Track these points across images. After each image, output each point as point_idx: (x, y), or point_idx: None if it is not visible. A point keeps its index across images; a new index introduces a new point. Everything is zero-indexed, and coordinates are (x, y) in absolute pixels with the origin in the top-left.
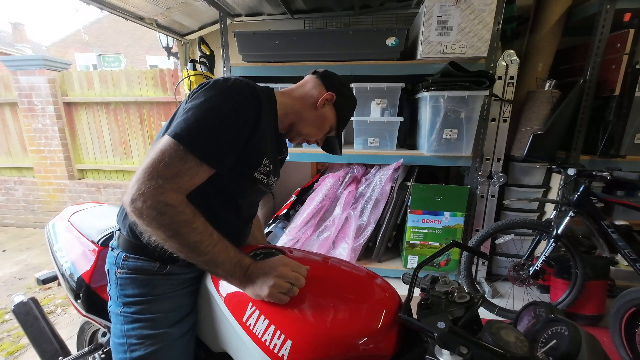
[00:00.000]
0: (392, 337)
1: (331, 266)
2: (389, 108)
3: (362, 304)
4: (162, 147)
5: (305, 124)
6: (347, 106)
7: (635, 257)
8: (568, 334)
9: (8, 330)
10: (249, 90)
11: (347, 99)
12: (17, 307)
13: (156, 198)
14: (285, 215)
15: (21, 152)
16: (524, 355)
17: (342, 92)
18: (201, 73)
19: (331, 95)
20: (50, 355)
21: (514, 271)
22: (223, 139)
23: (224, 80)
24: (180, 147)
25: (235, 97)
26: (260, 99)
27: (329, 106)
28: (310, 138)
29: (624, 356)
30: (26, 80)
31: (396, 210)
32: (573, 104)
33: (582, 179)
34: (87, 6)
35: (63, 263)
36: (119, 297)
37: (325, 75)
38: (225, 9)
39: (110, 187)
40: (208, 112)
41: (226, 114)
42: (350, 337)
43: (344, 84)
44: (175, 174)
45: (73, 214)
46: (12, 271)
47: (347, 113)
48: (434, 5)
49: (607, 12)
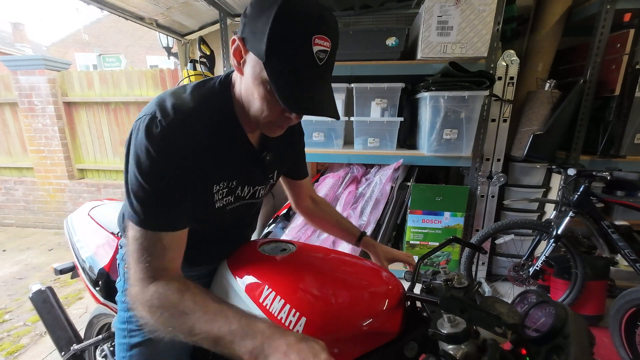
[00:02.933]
0: (398, 318)
1: (341, 256)
2: (389, 108)
3: (370, 288)
4: (130, 237)
5: (246, 106)
6: (264, 31)
7: (635, 257)
8: (555, 312)
9: (8, 330)
10: (167, 133)
11: (263, 19)
12: (35, 295)
13: (135, 299)
14: (285, 215)
15: (21, 152)
16: (515, 322)
17: (252, 20)
18: (201, 73)
19: (234, 40)
20: (65, 342)
21: (514, 271)
22: (169, 197)
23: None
24: (142, 229)
25: (156, 147)
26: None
27: (247, 57)
28: (266, 120)
29: (624, 356)
30: (26, 80)
31: (396, 211)
32: (573, 104)
33: (582, 179)
34: (87, 6)
35: (83, 253)
36: (123, 291)
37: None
38: (225, 9)
39: (110, 187)
40: (142, 178)
41: (155, 170)
42: (358, 316)
43: (258, 1)
44: (145, 258)
45: (92, 209)
46: (12, 271)
47: (272, 40)
48: (434, 5)
49: (607, 12)
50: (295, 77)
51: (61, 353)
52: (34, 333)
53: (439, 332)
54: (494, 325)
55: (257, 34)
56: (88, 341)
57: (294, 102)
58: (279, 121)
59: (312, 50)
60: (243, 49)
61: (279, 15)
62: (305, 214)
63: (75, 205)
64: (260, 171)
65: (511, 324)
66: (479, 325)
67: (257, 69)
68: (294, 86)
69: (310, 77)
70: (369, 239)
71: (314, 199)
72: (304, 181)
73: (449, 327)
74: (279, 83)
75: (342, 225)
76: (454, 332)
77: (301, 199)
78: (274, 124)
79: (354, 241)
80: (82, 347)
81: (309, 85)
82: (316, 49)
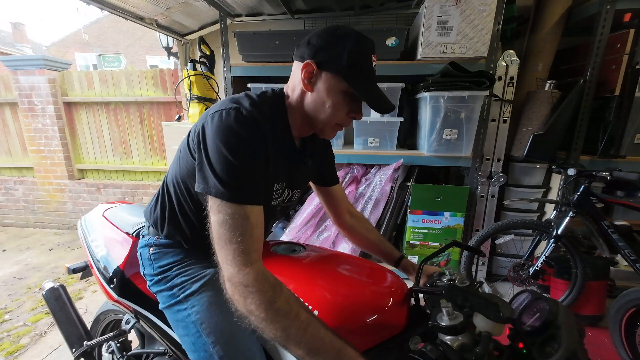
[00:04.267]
0: (403, 314)
1: (347, 258)
2: None
3: (376, 285)
4: (216, 221)
5: (313, 117)
6: (344, 56)
7: (635, 257)
8: (548, 307)
9: (8, 330)
10: (251, 121)
11: (338, 48)
12: (48, 293)
13: (235, 280)
14: (286, 215)
15: (21, 152)
16: (509, 315)
17: (324, 48)
18: (201, 73)
19: (307, 64)
20: (76, 339)
21: (514, 271)
22: (255, 174)
23: (227, 114)
24: (230, 204)
25: (246, 131)
26: (264, 131)
27: (319, 76)
28: (333, 123)
29: (624, 356)
30: (26, 80)
31: (396, 211)
32: (573, 104)
33: (582, 179)
34: (87, 6)
35: (98, 252)
36: (154, 271)
37: (297, 48)
38: (225, 9)
39: (110, 187)
40: (229, 154)
41: (243, 154)
42: (366, 310)
43: (323, 35)
44: (239, 240)
45: (106, 210)
46: (12, 271)
47: (352, 59)
48: (434, 5)
49: (607, 13)
50: (370, 84)
51: (72, 349)
52: (34, 333)
53: (438, 325)
54: (493, 312)
55: (334, 57)
56: (99, 338)
57: (375, 101)
58: (344, 123)
59: (372, 65)
60: (316, 70)
61: (355, 44)
62: (346, 230)
63: (75, 205)
64: (301, 176)
65: (506, 316)
66: (479, 312)
67: (333, 83)
68: (372, 90)
69: (375, 83)
70: (408, 261)
71: (352, 214)
72: (338, 192)
73: (447, 320)
74: (360, 87)
75: (383, 245)
76: (451, 324)
77: (341, 213)
78: (338, 126)
79: (392, 262)
80: (93, 343)
81: (375, 87)
82: (374, 64)
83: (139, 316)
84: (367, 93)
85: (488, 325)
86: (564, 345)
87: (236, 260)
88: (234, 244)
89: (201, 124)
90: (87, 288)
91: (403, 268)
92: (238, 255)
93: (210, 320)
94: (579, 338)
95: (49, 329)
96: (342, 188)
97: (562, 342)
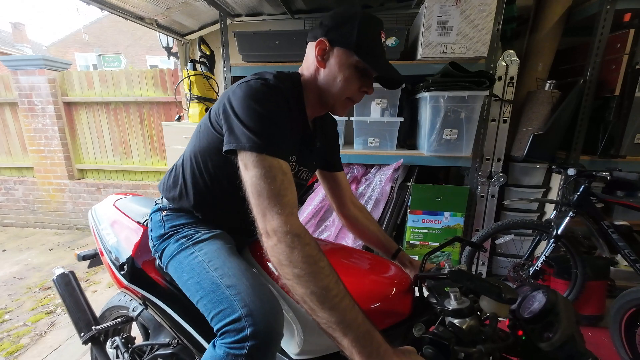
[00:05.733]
0: (407, 302)
1: (351, 250)
2: (389, 108)
3: (380, 275)
4: (255, 171)
5: (326, 92)
6: (354, 32)
7: (635, 257)
8: (546, 295)
9: (8, 330)
10: (277, 89)
11: (348, 25)
12: (59, 278)
13: (283, 230)
14: None
15: (21, 152)
16: (513, 297)
17: (335, 27)
18: (201, 73)
19: (320, 41)
20: (85, 324)
21: (514, 271)
22: (286, 131)
23: (255, 82)
24: (263, 156)
25: (273, 96)
26: (288, 100)
27: (331, 52)
28: (344, 97)
29: (624, 356)
30: (26, 80)
31: (396, 211)
32: (573, 104)
33: (582, 179)
34: (87, 6)
35: (109, 240)
36: (165, 230)
37: (310, 31)
38: (225, 9)
39: (110, 187)
40: (262, 108)
41: (273, 109)
42: (374, 297)
43: (334, 15)
44: (280, 191)
45: (117, 200)
46: (12, 271)
47: (362, 35)
48: (434, 5)
49: (607, 13)
50: (379, 57)
51: (80, 334)
52: (34, 333)
53: (447, 309)
54: (496, 293)
55: (345, 34)
56: (107, 323)
57: (382, 68)
58: (355, 97)
59: (381, 41)
60: (329, 47)
61: (363, 20)
62: (349, 220)
63: (75, 205)
64: (309, 154)
65: (509, 297)
66: (484, 294)
67: (344, 57)
68: (380, 61)
69: (383, 56)
70: (404, 253)
71: (355, 204)
72: (343, 180)
73: (455, 304)
74: (370, 60)
75: (383, 237)
76: (459, 307)
77: (344, 204)
78: (350, 101)
79: (389, 254)
80: (101, 328)
81: (385, 61)
82: (382, 39)
83: (147, 303)
84: (377, 65)
85: (494, 307)
86: (562, 330)
87: (284, 210)
88: (279, 196)
89: (227, 96)
90: (87, 288)
91: (400, 261)
92: (284, 206)
93: (219, 259)
94: (576, 324)
95: (49, 329)
96: (346, 178)
97: (559, 328)
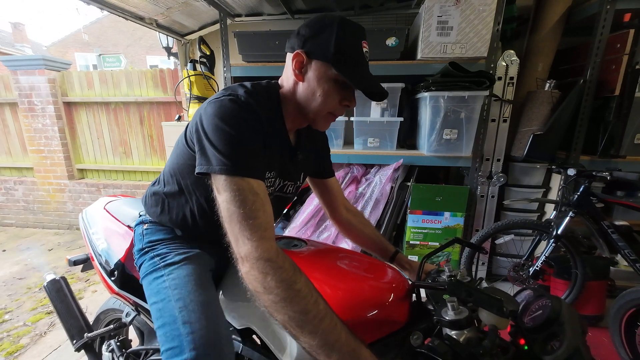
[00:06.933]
0: (404, 310)
1: (349, 253)
2: (389, 108)
3: (377, 281)
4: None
5: (306, 106)
6: (331, 43)
7: (635, 257)
8: (551, 304)
9: (8, 330)
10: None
11: (325, 34)
12: (50, 284)
13: (254, 256)
14: (285, 215)
15: (21, 152)
16: (514, 309)
17: (312, 37)
18: (201, 73)
19: (297, 54)
20: (77, 331)
21: (514, 271)
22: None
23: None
24: (234, 178)
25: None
26: (260, 116)
27: (309, 65)
28: (325, 112)
29: (624, 356)
30: (26, 80)
31: (396, 211)
32: (573, 104)
33: (582, 179)
34: (87, 6)
35: (99, 244)
36: (143, 245)
37: (288, 40)
38: (225, 9)
39: (110, 187)
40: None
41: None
42: (368, 305)
43: (310, 24)
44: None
45: (107, 203)
46: (12, 271)
47: (339, 46)
48: (434, 5)
49: (607, 13)
50: (358, 69)
51: (73, 341)
52: (34, 333)
53: (443, 319)
54: (496, 306)
55: (322, 45)
56: (100, 330)
57: (364, 86)
58: (337, 111)
59: (362, 51)
60: (306, 59)
61: (340, 30)
62: (343, 225)
63: (75, 205)
64: (293, 167)
65: (511, 310)
66: (483, 307)
67: (322, 70)
68: (359, 74)
69: (365, 68)
70: (402, 256)
71: (348, 209)
72: (334, 185)
73: (452, 315)
74: (348, 73)
75: (379, 240)
76: (457, 318)
77: (336, 209)
78: (331, 115)
79: (387, 257)
80: (94, 335)
81: (366, 73)
82: (364, 50)
83: (139, 309)
84: (356, 79)
85: (493, 319)
86: (567, 342)
87: (254, 235)
88: (250, 219)
89: (199, 114)
90: (87, 288)
91: (398, 263)
92: (256, 230)
93: (184, 289)
94: (582, 335)
95: (49, 329)
96: (338, 183)
97: (564, 339)
